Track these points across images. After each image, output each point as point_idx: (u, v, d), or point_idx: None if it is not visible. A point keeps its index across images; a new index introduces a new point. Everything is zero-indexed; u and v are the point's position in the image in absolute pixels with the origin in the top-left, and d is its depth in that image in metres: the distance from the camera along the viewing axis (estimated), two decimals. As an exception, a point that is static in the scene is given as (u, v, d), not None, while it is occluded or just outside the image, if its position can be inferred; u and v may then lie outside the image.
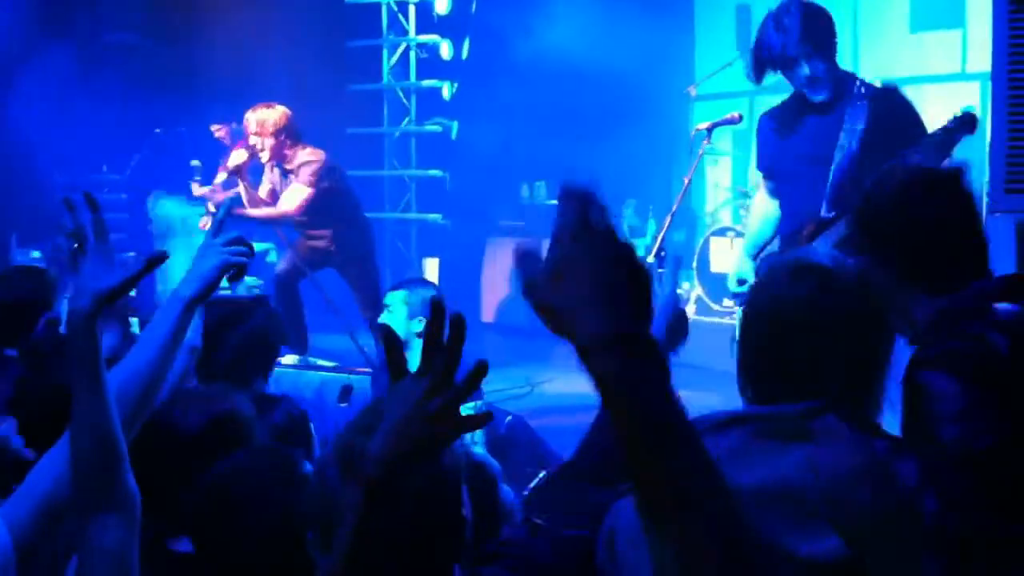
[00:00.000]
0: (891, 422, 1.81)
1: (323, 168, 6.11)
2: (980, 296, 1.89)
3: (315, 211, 6.15)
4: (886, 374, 1.74)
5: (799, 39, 3.72)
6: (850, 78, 3.88)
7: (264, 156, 6.15)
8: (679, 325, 2.00)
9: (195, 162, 8.39)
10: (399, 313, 4.39)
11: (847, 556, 1.54)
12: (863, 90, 3.77)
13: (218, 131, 8.39)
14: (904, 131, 3.61)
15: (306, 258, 6.31)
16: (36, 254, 6.39)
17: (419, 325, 4.32)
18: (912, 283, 2.01)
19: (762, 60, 3.85)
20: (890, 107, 3.74)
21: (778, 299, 1.74)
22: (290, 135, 6.13)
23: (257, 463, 1.92)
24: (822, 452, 1.62)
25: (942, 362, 1.79)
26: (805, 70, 3.78)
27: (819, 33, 3.77)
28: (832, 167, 3.68)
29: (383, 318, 4.44)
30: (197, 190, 8.46)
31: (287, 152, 6.14)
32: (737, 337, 1.83)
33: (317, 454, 2.90)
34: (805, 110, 3.91)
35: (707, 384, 4.17)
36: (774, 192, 4.12)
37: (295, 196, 6.08)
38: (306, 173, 6.08)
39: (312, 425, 3.23)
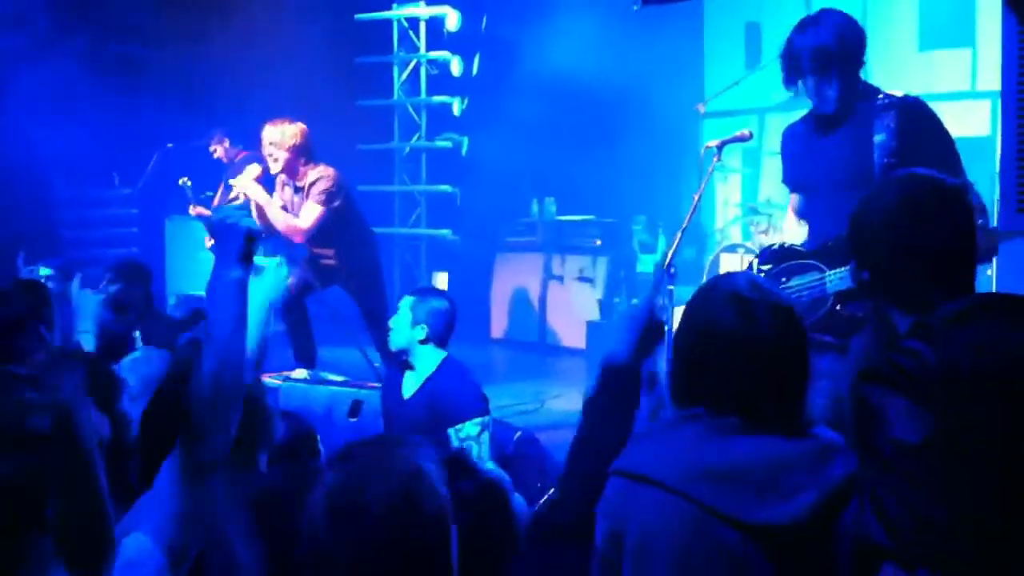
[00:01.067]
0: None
1: (335, 187, 6.12)
2: (949, 315, 1.94)
3: (323, 229, 6.16)
4: (805, 390, 1.97)
5: (820, 49, 3.66)
6: (872, 91, 3.80)
7: (276, 167, 6.16)
8: (652, 334, 2.20)
9: (184, 180, 8.43)
10: (404, 318, 4.36)
11: (794, 523, 1.82)
12: (886, 101, 3.69)
13: (215, 150, 8.43)
14: (932, 142, 3.56)
15: (314, 274, 6.33)
16: (46, 271, 6.35)
17: (421, 333, 4.32)
18: (890, 299, 2.12)
19: (785, 63, 3.76)
20: (916, 117, 3.64)
21: (713, 328, 1.96)
22: (304, 152, 6.15)
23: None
24: (766, 443, 1.88)
25: (879, 376, 1.91)
26: (812, 82, 3.72)
27: (843, 47, 3.68)
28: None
29: (392, 320, 4.43)
30: (194, 210, 8.51)
31: (300, 168, 6.16)
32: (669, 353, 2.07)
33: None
34: (829, 123, 3.80)
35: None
36: (802, 208, 4.07)
37: (309, 214, 6.09)
38: (317, 192, 6.09)
39: (320, 441, 3.23)
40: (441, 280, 9.40)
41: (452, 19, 9.37)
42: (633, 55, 8.83)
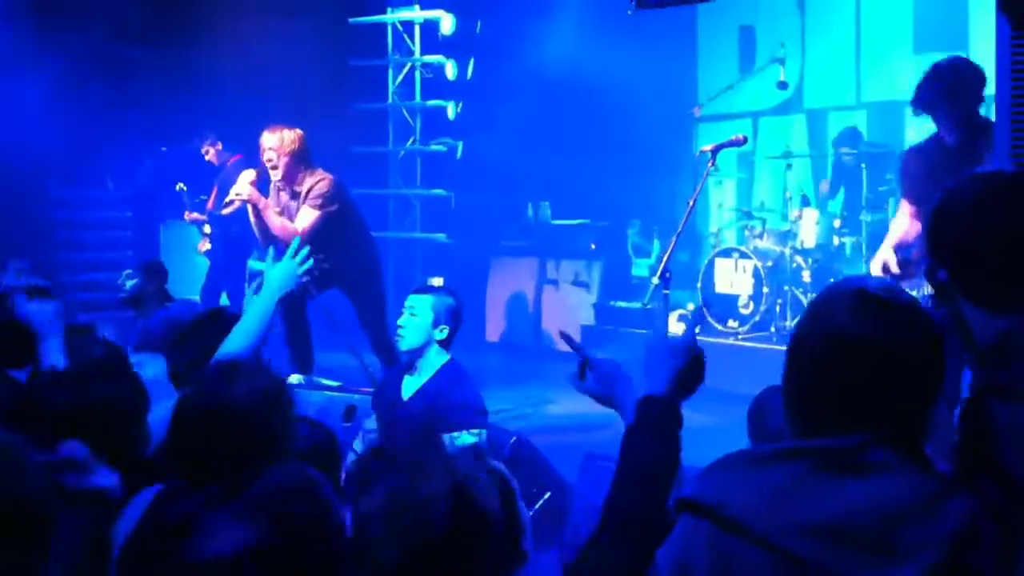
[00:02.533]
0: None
1: (331, 192, 6.13)
2: None
3: (322, 233, 6.16)
4: (936, 404, 1.70)
5: (940, 95, 4.35)
6: (988, 123, 4.22)
7: (276, 175, 6.18)
8: (694, 371, 1.96)
9: (180, 186, 8.44)
10: (424, 319, 4.26)
11: None
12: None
13: (207, 151, 8.42)
14: None
15: (310, 279, 6.32)
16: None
17: (441, 334, 4.25)
18: (975, 300, 1.88)
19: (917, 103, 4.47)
20: None
21: (835, 331, 1.69)
22: (303, 158, 6.17)
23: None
24: (877, 487, 1.61)
25: (1011, 392, 1.70)
26: (940, 118, 4.43)
27: (962, 92, 4.36)
28: None
29: (403, 321, 4.34)
30: (189, 216, 8.51)
31: (299, 175, 6.17)
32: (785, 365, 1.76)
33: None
34: (947, 148, 4.42)
35: (708, 406, 4.15)
36: (919, 216, 4.49)
37: (305, 218, 6.10)
38: (314, 196, 6.11)
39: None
40: (436, 284, 9.40)
41: (446, 23, 9.38)
42: (627, 59, 8.83)
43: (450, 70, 9.48)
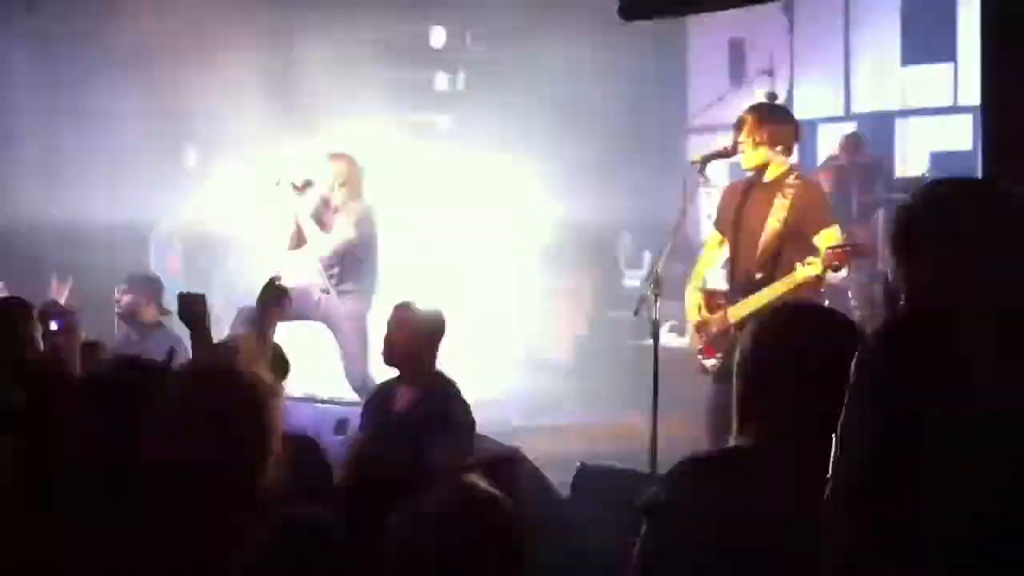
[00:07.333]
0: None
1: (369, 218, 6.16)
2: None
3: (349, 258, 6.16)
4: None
5: None
6: None
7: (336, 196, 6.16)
8: None
9: None
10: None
11: None
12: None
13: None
14: None
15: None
16: None
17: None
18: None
19: None
20: None
21: (784, 346, 1.87)
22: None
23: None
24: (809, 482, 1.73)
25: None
26: None
27: None
28: None
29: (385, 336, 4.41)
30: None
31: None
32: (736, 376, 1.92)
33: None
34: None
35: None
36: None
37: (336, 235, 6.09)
38: (355, 218, 6.11)
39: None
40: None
41: (437, 36, 9.40)
42: (618, 71, 8.87)
43: (440, 83, 9.51)
